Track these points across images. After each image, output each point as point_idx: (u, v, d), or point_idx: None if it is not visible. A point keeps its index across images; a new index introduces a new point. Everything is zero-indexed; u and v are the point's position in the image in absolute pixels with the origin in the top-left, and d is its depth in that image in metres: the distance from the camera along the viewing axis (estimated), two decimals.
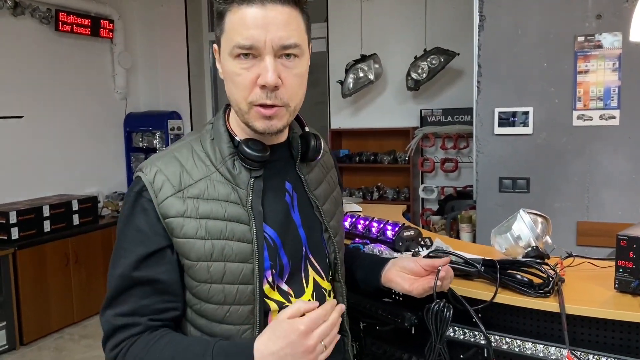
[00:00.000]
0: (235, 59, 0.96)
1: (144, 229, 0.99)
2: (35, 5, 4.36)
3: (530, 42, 2.98)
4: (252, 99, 0.97)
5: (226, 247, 0.98)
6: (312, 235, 1.11)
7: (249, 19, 0.93)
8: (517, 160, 3.07)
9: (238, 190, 1.01)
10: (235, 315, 1.00)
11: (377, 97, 4.86)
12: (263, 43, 0.94)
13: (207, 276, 0.98)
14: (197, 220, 0.98)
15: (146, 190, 0.99)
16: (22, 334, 3.84)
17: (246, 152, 1.00)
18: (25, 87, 4.35)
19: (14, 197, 4.20)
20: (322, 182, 1.15)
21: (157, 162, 1.02)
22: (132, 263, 0.98)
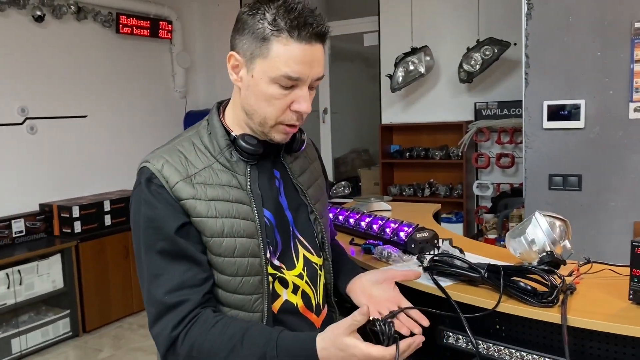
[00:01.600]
0: (275, 84, 1.09)
1: (166, 208, 1.09)
2: (97, 9, 4.57)
3: (582, 30, 2.78)
4: (283, 119, 1.13)
5: (235, 225, 1.11)
6: (299, 217, 1.26)
7: (300, 55, 1.07)
8: (568, 156, 2.89)
9: (237, 176, 1.15)
10: (247, 285, 1.12)
11: (429, 91, 4.73)
12: (306, 77, 1.10)
13: (221, 250, 1.10)
14: (207, 202, 1.10)
15: (156, 178, 1.10)
16: (85, 322, 4.06)
17: (243, 146, 1.15)
18: (89, 88, 4.58)
19: (78, 192, 4.45)
20: (306, 170, 1.30)
21: (163, 154, 1.14)
22: (170, 236, 1.07)
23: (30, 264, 3.76)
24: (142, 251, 1.10)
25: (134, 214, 1.13)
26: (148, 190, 1.10)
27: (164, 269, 1.08)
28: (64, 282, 3.96)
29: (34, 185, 4.18)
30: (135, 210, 1.13)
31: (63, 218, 4.10)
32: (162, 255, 1.08)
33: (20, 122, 4.08)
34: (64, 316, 3.96)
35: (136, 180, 1.15)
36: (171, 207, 1.09)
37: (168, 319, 1.06)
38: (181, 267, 1.08)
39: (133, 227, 1.14)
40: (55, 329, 3.90)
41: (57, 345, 3.89)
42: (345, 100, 6.17)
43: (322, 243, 1.29)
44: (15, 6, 3.95)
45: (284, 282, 1.19)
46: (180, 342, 1.05)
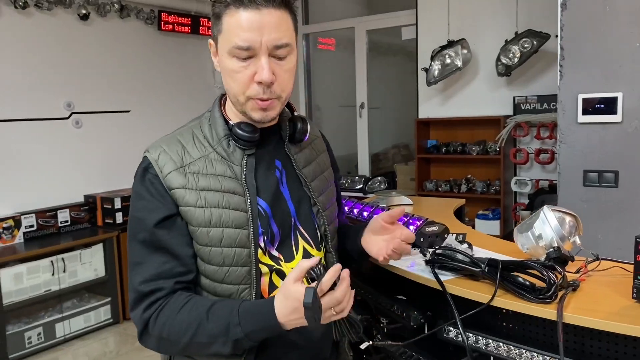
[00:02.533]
0: (233, 57, 1.08)
1: (154, 199, 1.11)
2: (139, 7, 4.72)
3: (620, 20, 2.66)
4: (250, 93, 1.10)
5: (223, 215, 1.11)
6: (301, 208, 1.24)
7: (245, 22, 1.05)
8: (604, 152, 2.77)
9: (233, 166, 1.15)
10: (234, 275, 1.13)
11: (466, 85, 4.64)
12: (259, 44, 1.06)
13: (207, 240, 1.11)
14: (197, 192, 1.11)
15: (152, 167, 1.12)
16: (125, 309, 4.21)
17: (238, 134, 1.14)
18: (132, 84, 4.74)
19: (121, 185, 4.61)
20: (312, 162, 1.28)
21: (162, 143, 1.17)
22: (150, 228, 1.10)
23: (74, 252, 3.94)
24: (128, 238, 1.15)
25: (131, 196, 1.17)
26: (141, 180, 1.13)
27: (143, 258, 1.11)
28: (106, 271, 4.13)
29: (79, 178, 4.36)
30: (132, 194, 1.17)
31: (106, 209, 4.27)
32: (142, 245, 1.11)
33: (66, 117, 4.27)
34: (105, 303, 4.13)
35: (138, 165, 1.18)
36: (160, 198, 1.11)
37: (142, 304, 1.09)
38: (160, 258, 1.10)
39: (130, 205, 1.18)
40: (96, 315, 4.07)
41: (98, 331, 4.06)
42: (386, 95, 6.13)
43: (324, 236, 1.27)
44: (62, 5, 4.13)
45: (281, 274, 1.18)
46: (152, 325, 1.08)
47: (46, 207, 4.07)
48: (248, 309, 1.05)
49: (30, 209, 3.98)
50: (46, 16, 4.09)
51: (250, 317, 1.04)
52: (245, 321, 1.04)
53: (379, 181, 5.12)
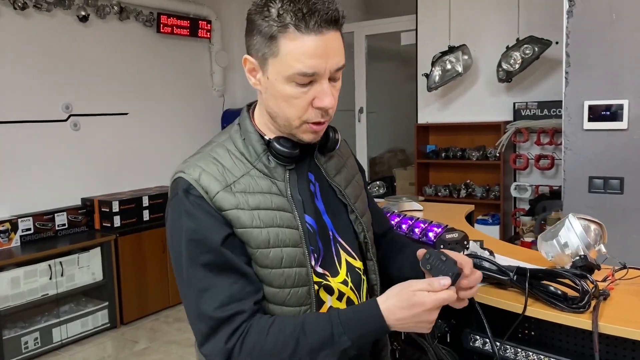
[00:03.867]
0: (291, 82, 1.02)
1: (208, 219, 1.02)
2: (139, 9, 4.68)
3: (626, 27, 2.68)
4: (307, 118, 1.06)
5: (280, 234, 1.05)
6: (338, 219, 1.19)
7: (310, 48, 0.99)
8: (609, 158, 2.79)
9: (277, 182, 1.09)
10: (296, 297, 1.07)
11: (467, 90, 4.65)
12: (323, 70, 1.01)
13: (268, 262, 1.04)
14: (250, 212, 1.04)
15: (194, 188, 1.04)
16: (122, 314, 4.16)
17: (279, 150, 1.09)
18: (130, 86, 4.70)
19: (119, 188, 4.57)
20: (342, 169, 1.23)
21: (198, 162, 1.08)
22: (215, 248, 1.01)
23: (72, 256, 3.89)
24: (185, 265, 1.03)
25: (172, 227, 1.07)
26: (185, 202, 1.04)
27: (210, 283, 1.01)
28: (103, 275, 4.08)
29: (76, 180, 4.31)
30: (173, 223, 1.06)
31: (103, 212, 4.22)
32: (207, 269, 1.01)
33: (64, 119, 4.22)
34: (102, 308, 4.07)
35: (171, 192, 1.08)
36: (213, 218, 1.03)
37: (222, 333, 1.00)
38: (228, 279, 1.01)
39: (171, 241, 1.07)
40: (94, 320, 4.02)
41: (96, 335, 4.00)
42: (383, 99, 6.14)
43: (365, 243, 1.22)
44: (61, 6, 4.08)
45: (329, 289, 1.13)
46: (237, 353, 1.00)
47: (43, 210, 4.01)
48: (350, 317, 1.00)
49: (28, 211, 3.92)
50: (45, 17, 4.04)
51: (355, 324, 0.99)
52: (350, 329, 0.98)
53: (377, 186, 5.11)
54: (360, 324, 0.99)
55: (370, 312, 0.99)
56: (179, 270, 1.06)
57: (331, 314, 1.01)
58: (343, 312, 1.01)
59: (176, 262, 1.06)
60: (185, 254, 1.03)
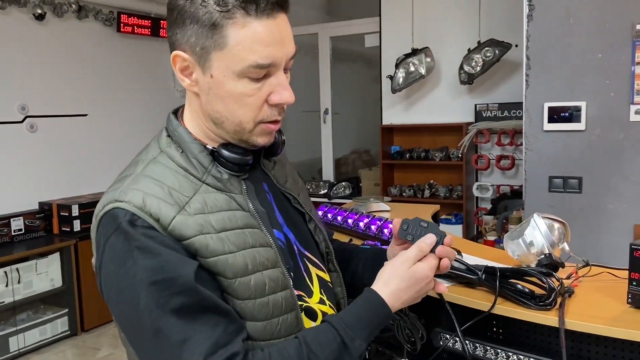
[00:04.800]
0: (243, 78, 0.87)
1: (170, 252, 0.82)
2: (98, 8, 4.57)
3: (584, 32, 2.77)
4: (262, 117, 0.91)
5: (257, 255, 0.89)
6: (299, 231, 1.06)
7: (265, 34, 0.85)
8: (568, 158, 2.88)
9: (234, 196, 0.93)
10: (285, 326, 0.91)
11: (429, 92, 4.72)
12: (280, 60, 0.87)
13: (250, 291, 0.87)
14: (218, 235, 0.86)
15: (139, 219, 0.83)
16: (83, 320, 4.05)
17: (232, 158, 0.93)
18: (89, 87, 4.58)
19: (78, 191, 4.44)
20: (288, 175, 1.10)
21: (134, 186, 0.87)
22: (189, 287, 0.81)
23: (29, 262, 3.76)
24: (148, 317, 0.81)
25: (116, 274, 0.84)
26: (132, 237, 0.82)
27: (188, 332, 0.81)
28: (63, 281, 3.96)
29: (33, 184, 4.17)
30: (117, 269, 0.83)
31: (62, 217, 4.10)
32: (181, 314, 0.81)
33: (20, 121, 4.08)
34: (62, 315, 3.95)
35: (105, 230, 0.85)
36: (175, 251, 0.83)
37: None
38: (208, 322, 0.82)
39: (117, 292, 0.85)
40: (53, 328, 3.89)
41: (56, 344, 3.88)
42: (347, 100, 6.17)
43: (326, 253, 1.10)
44: (16, 4, 3.94)
45: (311, 313, 0.98)
46: None
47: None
48: (355, 318, 0.91)
49: None
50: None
51: (363, 324, 0.90)
52: (360, 331, 0.89)
53: (343, 186, 5.14)
54: (368, 321, 0.91)
55: (375, 306, 0.92)
56: (136, 325, 0.83)
57: (331, 321, 0.90)
58: (345, 316, 0.91)
59: (131, 315, 0.83)
60: (147, 302, 0.80)
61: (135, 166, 0.93)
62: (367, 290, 0.93)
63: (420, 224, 0.96)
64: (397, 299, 0.93)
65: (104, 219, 0.86)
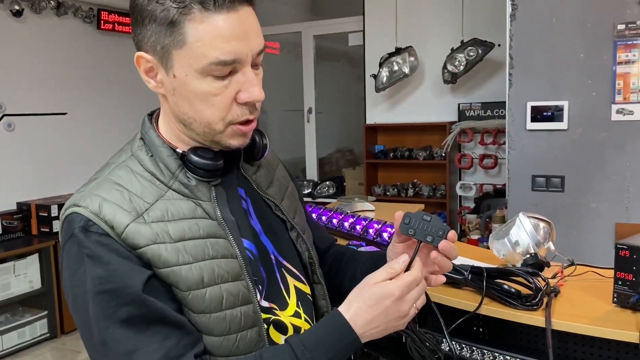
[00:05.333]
0: (207, 76, 0.83)
1: (120, 261, 0.80)
2: (77, 4, 4.49)
3: (566, 32, 2.79)
4: (232, 117, 0.87)
5: (216, 268, 0.86)
6: (279, 239, 1.01)
7: (226, 29, 0.81)
8: (551, 158, 2.89)
9: (201, 203, 0.89)
10: (244, 343, 0.87)
11: (413, 91, 4.72)
12: (245, 55, 0.83)
13: (204, 305, 0.84)
14: (174, 245, 0.83)
15: (94, 225, 0.81)
16: (63, 323, 3.97)
17: (199, 163, 0.89)
18: (69, 85, 4.50)
19: (57, 191, 4.36)
20: (273, 180, 1.05)
21: (95, 191, 0.85)
22: (136, 297, 0.79)
23: (7, 264, 3.68)
24: (97, 326, 0.79)
25: (70, 279, 0.82)
26: (89, 241, 0.80)
27: (136, 344, 0.79)
28: (42, 283, 3.88)
29: (11, 184, 4.08)
30: (72, 274, 0.82)
31: (41, 217, 4.02)
32: (129, 325, 0.79)
33: None
34: (41, 317, 3.88)
35: (63, 234, 0.84)
36: (126, 260, 0.81)
37: None
38: (158, 335, 0.80)
39: (72, 297, 0.83)
40: (32, 330, 3.82)
41: (34, 347, 3.81)
42: (330, 99, 6.15)
43: (309, 264, 1.05)
44: None
45: (281, 326, 0.94)
46: None
47: None
48: (315, 340, 0.85)
49: None
50: None
51: (323, 347, 0.84)
52: (319, 354, 0.83)
53: (327, 186, 5.13)
54: (329, 344, 0.84)
55: (336, 327, 0.85)
56: (87, 333, 0.81)
57: (291, 342, 0.85)
58: (305, 337, 0.86)
59: (83, 323, 0.81)
60: (94, 311, 0.79)
61: (104, 169, 0.91)
62: (332, 312, 0.88)
63: (423, 218, 0.89)
64: (361, 319, 0.85)
65: (64, 224, 0.85)
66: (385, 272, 0.87)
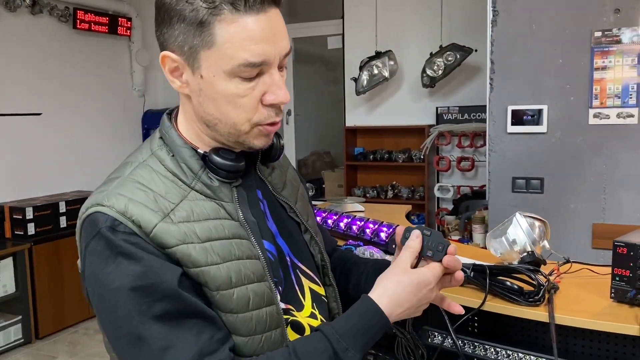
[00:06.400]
0: (235, 78, 0.83)
1: (153, 258, 0.80)
2: (53, 3, 4.41)
3: (545, 38, 2.87)
4: (258, 119, 0.87)
5: (242, 268, 0.86)
6: (294, 241, 1.01)
7: (256, 31, 0.81)
8: (530, 160, 2.97)
9: (224, 204, 0.89)
10: (269, 343, 0.88)
11: (392, 95, 4.79)
12: (273, 57, 0.83)
13: (232, 305, 0.84)
14: (202, 245, 0.83)
15: (120, 224, 0.81)
16: (38, 328, 3.89)
17: (222, 164, 0.89)
18: (44, 85, 4.41)
19: (32, 193, 4.26)
20: (286, 182, 1.05)
21: (119, 190, 0.85)
22: (168, 294, 0.79)
23: None
24: (129, 324, 0.79)
25: (97, 278, 0.81)
26: (112, 244, 0.80)
27: (171, 339, 0.79)
28: (16, 287, 3.78)
29: None
30: (98, 273, 0.81)
31: (15, 220, 3.92)
32: (164, 321, 0.79)
33: None
34: (15, 322, 3.78)
35: (86, 234, 0.83)
36: (158, 257, 0.81)
37: None
38: (193, 329, 0.80)
39: (99, 295, 0.82)
40: (5, 336, 3.72)
41: (8, 353, 3.71)
42: (307, 102, 6.18)
43: (322, 266, 1.06)
44: None
45: (299, 327, 0.95)
46: None
47: None
48: (349, 327, 0.86)
49: None
50: None
51: (357, 334, 0.85)
52: (354, 341, 0.84)
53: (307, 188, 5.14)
54: (363, 330, 0.86)
55: (371, 314, 0.87)
56: (117, 332, 0.82)
57: (324, 330, 0.86)
58: (338, 325, 0.86)
59: (111, 321, 0.81)
60: (127, 308, 0.79)
61: (124, 168, 0.90)
62: (363, 298, 0.89)
63: (424, 232, 0.93)
64: (396, 306, 0.88)
65: (85, 223, 0.84)
66: (408, 252, 0.91)
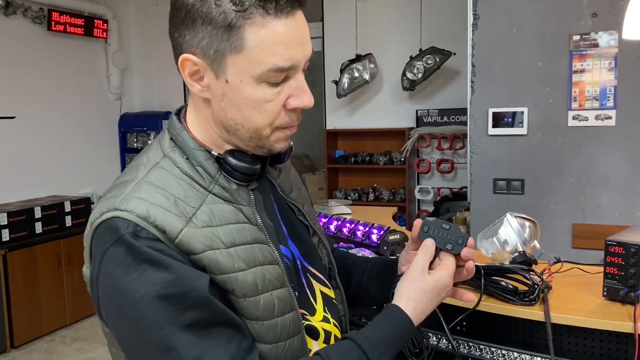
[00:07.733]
0: (262, 83, 0.80)
1: (181, 265, 0.76)
2: (27, 4, 4.32)
3: (525, 41, 2.92)
4: (280, 123, 0.84)
5: (266, 274, 0.83)
6: (303, 244, 0.99)
7: (286, 35, 0.78)
8: (511, 162, 3.02)
9: (242, 208, 0.86)
10: (291, 350, 0.85)
11: (373, 97, 4.81)
12: (300, 61, 0.81)
13: (259, 312, 0.82)
14: (227, 251, 0.80)
15: (142, 230, 0.76)
16: (13, 336, 3.79)
17: (239, 167, 0.86)
18: (18, 88, 4.31)
19: (6, 198, 4.16)
20: (292, 184, 1.03)
21: (136, 194, 0.80)
22: (199, 302, 0.76)
23: None
24: (159, 333, 0.75)
25: (115, 286, 0.77)
26: (143, 246, 0.76)
27: (201, 349, 0.75)
28: None
29: None
30: (117, 281, 0.76)
31: None
32: (193, 330, 0.75)
33: None
34: None
35: (99, 241, 0.79)
36: (185, 264, 0.77)
37: None
38: (222, 338, 0.77)
39: (119, 305, 0.77)
40: None
41: None
42: None
43: (329, 269, 1.04)
44: None
45: (313, 331, 0.92)
46: None
47: None
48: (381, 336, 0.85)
49: None
50: None
51: (389, 342, 0.85)
52: (386, 349, 0.84)
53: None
54: (395, 340, 0.86)
55: (401, 324, 0.87)
56: (142, 342, 0.77)
57: (357, 340, 0.84)
58: (371, 334, 0.85)
59: (134, 331, 0.77)
60: (155, 318, 0.75)
61: (136, 171, 0.85)
62: (391, 308, 0.88)
63: (442, 226, 0.91)
64: (420, 314, 0.88)
65: (100, 228, 0.79)
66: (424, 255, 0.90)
